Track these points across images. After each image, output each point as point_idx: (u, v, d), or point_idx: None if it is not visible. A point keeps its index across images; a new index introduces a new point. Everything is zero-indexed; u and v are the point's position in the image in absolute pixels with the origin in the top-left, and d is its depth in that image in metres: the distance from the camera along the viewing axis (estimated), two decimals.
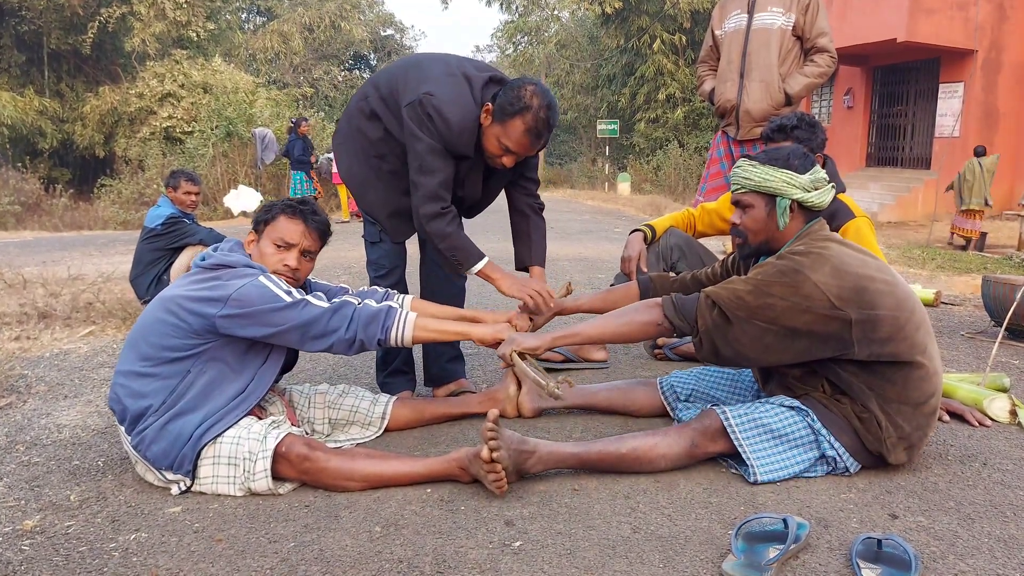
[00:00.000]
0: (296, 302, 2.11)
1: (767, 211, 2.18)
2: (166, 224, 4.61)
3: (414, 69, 2.59)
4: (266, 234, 2.29)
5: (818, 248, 2.08)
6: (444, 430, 2.57)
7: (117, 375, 2.15)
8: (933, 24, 13.55)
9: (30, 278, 5.70)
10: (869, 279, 2.04)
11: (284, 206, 2.31)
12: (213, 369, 2.13)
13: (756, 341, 2.07)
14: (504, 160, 2.55)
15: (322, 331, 2.12)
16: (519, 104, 2.43)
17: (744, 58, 4.17)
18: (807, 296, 2.00)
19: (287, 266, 2.27)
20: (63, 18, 20.82)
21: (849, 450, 2.12)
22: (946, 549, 1.76)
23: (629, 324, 2.26)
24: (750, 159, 2.22)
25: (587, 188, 24.34)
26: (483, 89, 2.53)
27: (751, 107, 4.16)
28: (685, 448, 2.14)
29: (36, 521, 1.94)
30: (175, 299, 2.12)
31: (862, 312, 2.01)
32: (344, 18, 29.74)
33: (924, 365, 2.08)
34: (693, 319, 2.15)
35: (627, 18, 23.23)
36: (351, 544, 1.80)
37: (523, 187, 2.86)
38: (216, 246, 2.29)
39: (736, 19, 4.24)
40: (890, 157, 16.28)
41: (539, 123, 2.44)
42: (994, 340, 3.37)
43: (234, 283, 2.10)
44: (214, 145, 15.04)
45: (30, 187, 16.42)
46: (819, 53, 4.10)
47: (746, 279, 2.11)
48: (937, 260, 7.79)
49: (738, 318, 2.07)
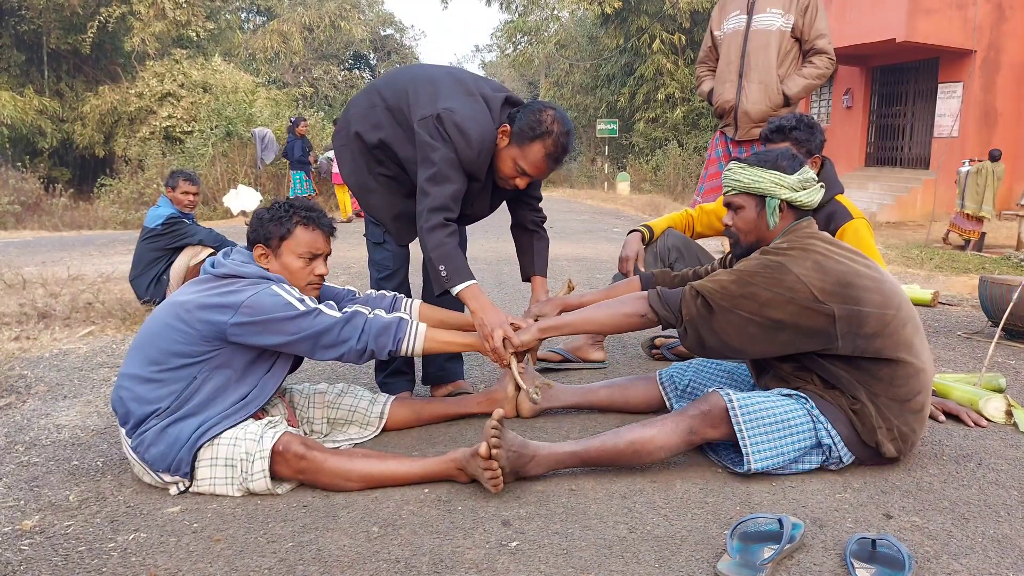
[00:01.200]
0: (309, 311, 2.12)
1: (757, 212, 2.24)
2: (166, 224, 4.62)
3: (426, 83, 2.58)
4: (287, 249, 2.24)
5: (801, 244, 2.13)
6: (442, 431, 2.58)
7: (122, 377, 2.16)
8: (932, 24, 13.56)
9: (30, 278, 5.70)
10: (854, 274, 2.08)
11: (297, 218, 2.26)
12: (219, 376, 2.14)
13: (740, 331, 2.11)
14: (517, 182, 2.58)
15: (334, 341, 2.13)
16: (540, 128, 2.47)
17: (743, 59, 4.17)
18: (790, 288, 2.05)
19: (319, 275, 2.28)
20: (63, 18, 20.81)
21: (845, 441, 2.13)
22: (940, 549, 1.77)
23: (615, 315, 2.33)
24: (740, 161, 2.27)
25: (586, 188, 24.34)
26: (500, 110, 2.56)
27: (749, 108, 4.16)
28: (683, 435, 2.13)
29: (35, 521, 1.95)
30: (185, 305, 2.12)
31: (845, 307, 2.04)
32: (344, 18, 29.71)
33: (910, 362, 2.11)
34: (678, 309, 2.20)
35: (627, 18, 23.21)
36: (349, 544, 1.81)
37: (527, 203, 2.90)
38: (227, 252, 2.28)
39: (735, 20, 4.23)
40: (889, 157, 16.29)
41: (558, 148, 2.50)
42: (991, 340, 3.38)
43: (247, 291, 2.11)
44: (214, 145, 15.04)
45: (30, 187, 16.41)
46: (818, 55, 4.10)
47: (730, 271, 2.17)
48: (935, 260, 7.80)
49: (721, 307, 2.11)
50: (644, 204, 16.44)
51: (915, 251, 8.67)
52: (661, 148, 22.61)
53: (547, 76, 29.66)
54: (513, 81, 36.43)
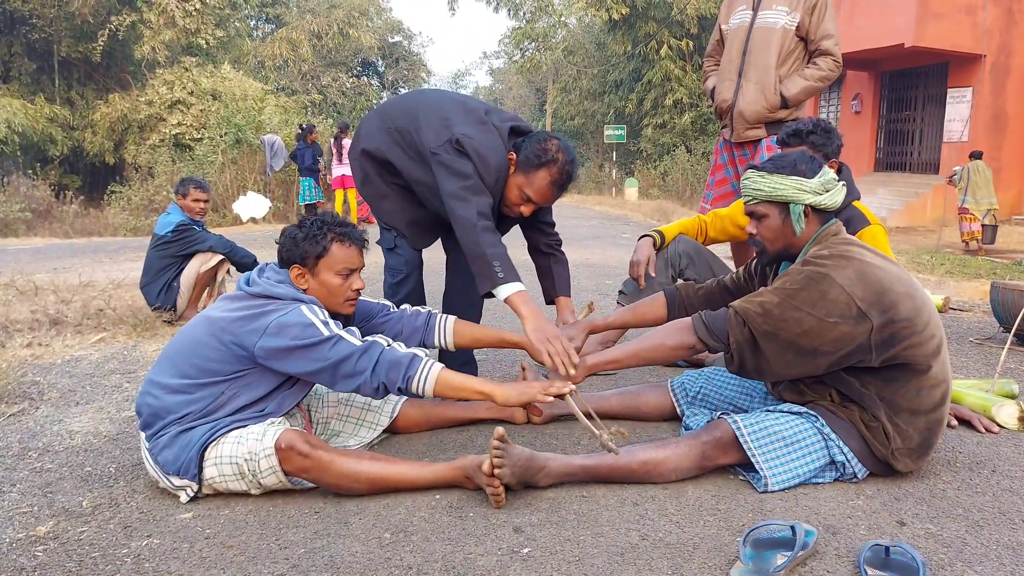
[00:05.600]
0: (331, 337, 2.10)
1: (781, 219, 2.19)
2: (176, 231, 4.64)
3: (435, 109, 2.64)
4: (324, 267, 2.23)
5: (840, 251, 2.09)
6: (452, 436, 2.59)
7: (150, 383, 2.17)
8: (941, 29, 13.52)
9: (41, 285, 5.73)
10: (890, 283, 2.04)
11: (331, 235, 2.23)
12: (246, 393, 2.15)
13: (779, 357, 2.08)
14: (522, 209, 2.65)
15: (351, 371, 2.11)
16: (545, 157, 2.54)
17: (744, 57, 4.01)
18: (834, 302, 2.00)
19: (356, 290, 2.29)
20: (73, 26, 20.96)
21: (857, 455, 2.12)
22: (954, 556, 1.76)
23: (663, 349, 2.28)
24: (757, 169, 2.22)
25: (594, 193, 24.35)
26: (508, 139, 2.63)
27: (744, 108, 3.99)
28: (696, 460, 2.14)
29: (49, 527, 1.97)
30: (219, 322, 2.13)
31: (883, 316, 2.01)
32: (352, 25, 29.81)
33: (935, 373, 2.09)
34: (725, 337, 2.15)
35: (634, 24, 23.22)
36: (361, 550, 1.81)
37: (541, 229, 2.98)
38: (261, 268, 2.28)
39: (741, 15, 4.08)
40: (898, 162, 16.24)
41: (563, 176, 2.57)
42: (1003, 346, 3.36)
43: (276, 312, 2.11)
44: (223, 152, 15.08)
45: (41, 194, 16.49)
46: (822, 56, 3.92)
47: (774, 290, 2.10)
48: (946, 265, 7.76)
49: (764, 333, 2.07)
50: (652, 210, 16.42)
51: (925, 256, 8.63)
52: (669, 154, 22.59)
53: (555, 82, 29.70)
54: (521, 87, 36.53)
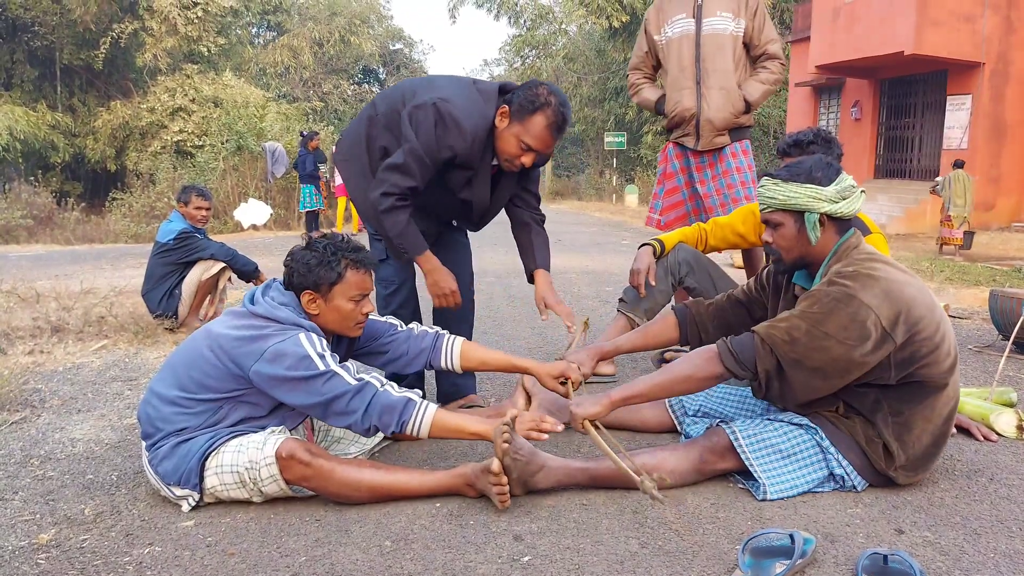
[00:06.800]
0: (325, 372, 2.07)
1: (797, 228, 2.14)
2: (178, 239, 4.65)
3: (424, 83, 2.72)
4: (338, 294, 2.21)
5: (866, 269, 2.04)
6: (453, 444, 2.59)
7: (151, 393, 2.18)
8: (940, 37, 13.58)
9: (43, 292, 5.75)
10: (913, 300, 2.01)
11: (346, 261, 2.21)
12: (244, 409, 2.16)
13: (805, 385, 2.05)
14: (523, 159, 2.62)
15: (343, 409, 2.09)
16: (538, 102, 2.55)
17: (698, 64, 3.94)
18: (862, 324, 1.96)
19: (365, 314, 2.29)
20: (75, 33, 21.06)
21: (857, 469, 2.12)
22: (952, 564, 1.76)
23: (690, 381, 2.18)
24: (772, 176, 2.16)
25: (594, 200, 24.39)
26: (497, 99, 2.64)
27: (713, 116, 3.92)
28: (694, 464, 2.15)
29: (51, 535, 1.97)
30: (220, 339, 2.13)
31: (907, 334, 1.99)
32: (354, 32, 29.95)
33: (949, 391, 2.09)
34: (753, 365, 2.09)
35: (634, 31, 23.28)
36: (362, 558, 1.82)
37: (525, 200, 2.97)
38: (266, 287, 2.27)
39: (682, 24, 3.99)
40: (898, 169, 16.28)
41: (558, 117, 2.56)
42: (1001, 354, 3.37)
43: (273, 338, 2.09)
44: (224, 159, 15.13)
45: (42, 201, 16.53)
46: (770, 59, 3.94)
47: (801, 314, 2.05)
48: (945, 272, 7.76)
49: (791, 361, 2.03)
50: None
51: (925, 263, 8.63)
52: None
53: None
54: None
